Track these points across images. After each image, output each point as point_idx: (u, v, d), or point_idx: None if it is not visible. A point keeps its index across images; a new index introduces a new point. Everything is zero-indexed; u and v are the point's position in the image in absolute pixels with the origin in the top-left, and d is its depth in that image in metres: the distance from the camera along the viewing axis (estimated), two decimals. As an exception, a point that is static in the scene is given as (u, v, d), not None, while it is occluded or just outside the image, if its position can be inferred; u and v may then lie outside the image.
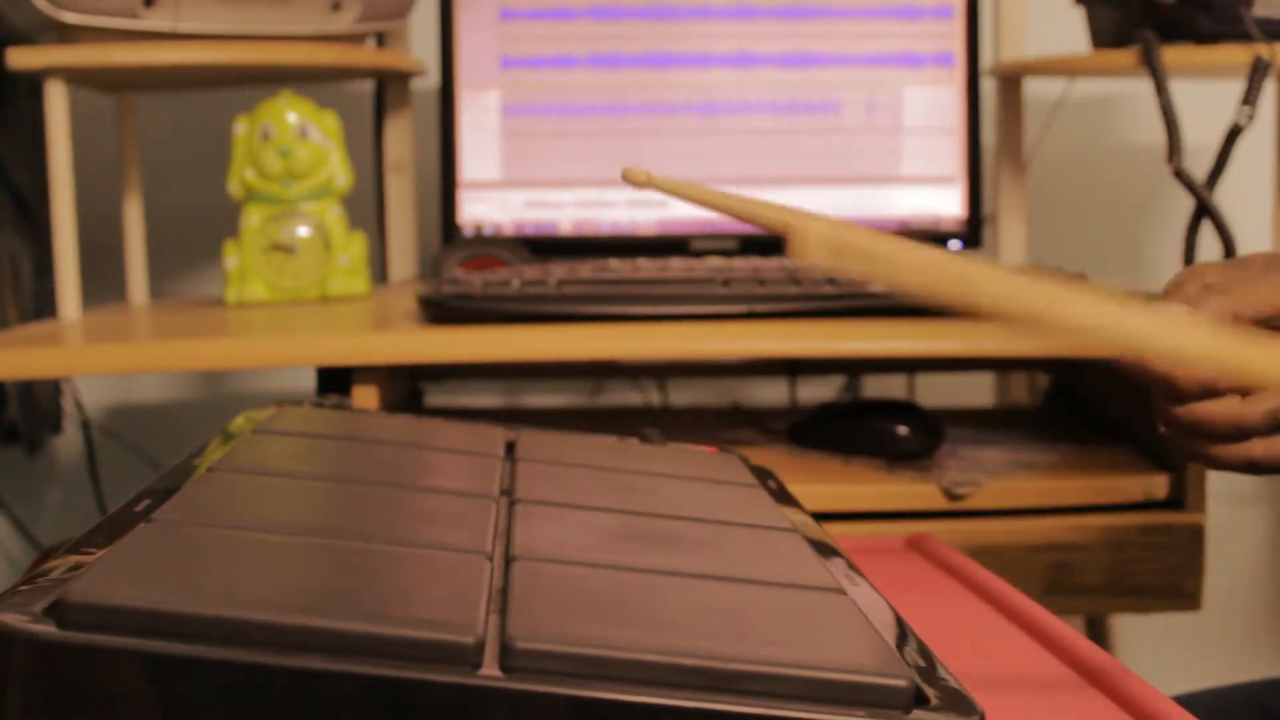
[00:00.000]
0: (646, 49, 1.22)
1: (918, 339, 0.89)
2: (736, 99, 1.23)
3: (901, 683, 0.35)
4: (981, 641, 0.55)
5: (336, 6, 1.09)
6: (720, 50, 1.23)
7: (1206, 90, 1.28)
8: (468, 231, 1.22)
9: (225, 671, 0.31)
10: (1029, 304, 0.41)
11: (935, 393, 1.35)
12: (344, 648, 0.32)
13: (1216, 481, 0.97)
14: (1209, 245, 1.11)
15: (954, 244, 1.24)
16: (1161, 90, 1.08)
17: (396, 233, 1.28)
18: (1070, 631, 0.53)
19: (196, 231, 1.40)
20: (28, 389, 1.28)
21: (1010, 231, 1.29)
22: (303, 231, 1.08)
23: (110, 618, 0.32)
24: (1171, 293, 0.61)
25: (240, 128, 1.07)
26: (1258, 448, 0.60)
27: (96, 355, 0.91)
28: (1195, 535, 0.92)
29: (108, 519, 0.41)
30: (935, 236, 1.23)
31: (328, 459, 0.54)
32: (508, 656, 0.33)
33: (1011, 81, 1.27)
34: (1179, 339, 0.42)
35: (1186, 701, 0.75)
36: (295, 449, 0.54)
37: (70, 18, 0.99)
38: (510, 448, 0.60)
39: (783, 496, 0.58)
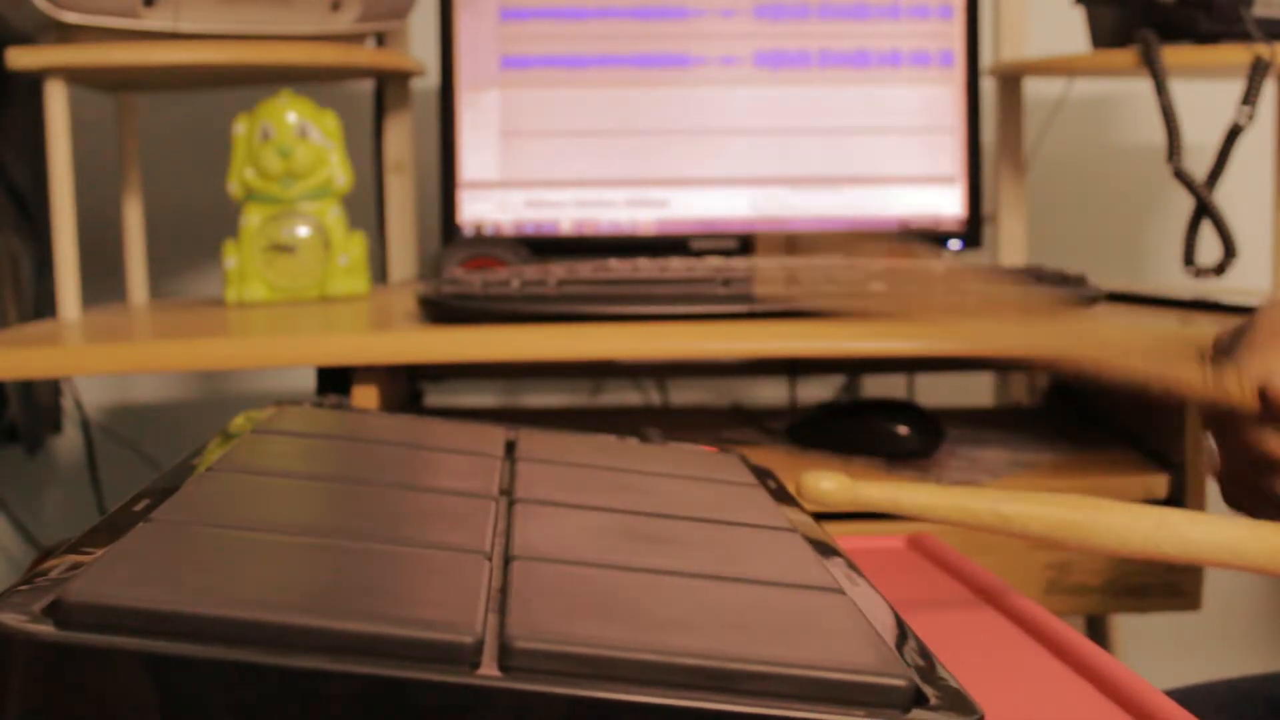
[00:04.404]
0: (646, 49, 1.22)
1: (918, 339, 0.89)
2: (736, 99, 1.23)
3: (901, 682, 0.35)
4: (981, 641, 0.54)
5: (336, 6, 1.09)
6: (720, 51, 1.23)
7: (1206, 90, 1.28)
8: (468, 231, 1.22)
9: (225, 671, 0.31)
10: (1068, 528, 0.43)
11: (935, 393, 1.35)
12: (343, 648, 0.32)
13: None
14: (1209, 245, 1.11)
15: (954, 243, 1.24)
16: (1161, 90, 1.08)
17: (396, 233, 1.28)
18: (1070, 631, 0.53)
19: (196, 231, 1.39)
20: (28, 389, 1.28)
21: (1010, 231, 1.29)
22: (303, 231, 1.08)
23: (109, 617, 0.32)
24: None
25: (240, 128, 1.07)
26: None
27: (96, 355, 0.91)
28: (1195, 535, 0.91)
29: (107, 519, 0.41)
30: (935, 236, 1.23)
31: (328, 459, 0.54)
32: (507, 656, 0.33)
33: (1011, 81, 1.27)
34: (1224, 543, 0.42)
35: (1193, 694, 0.75)
36: (295, 449, 0.54)
37: (70, 18, 0.99)
38: (510, 448, 0.60)
39: (783, 496, 0.58)
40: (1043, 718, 0.47)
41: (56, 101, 1.03)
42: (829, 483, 0.45)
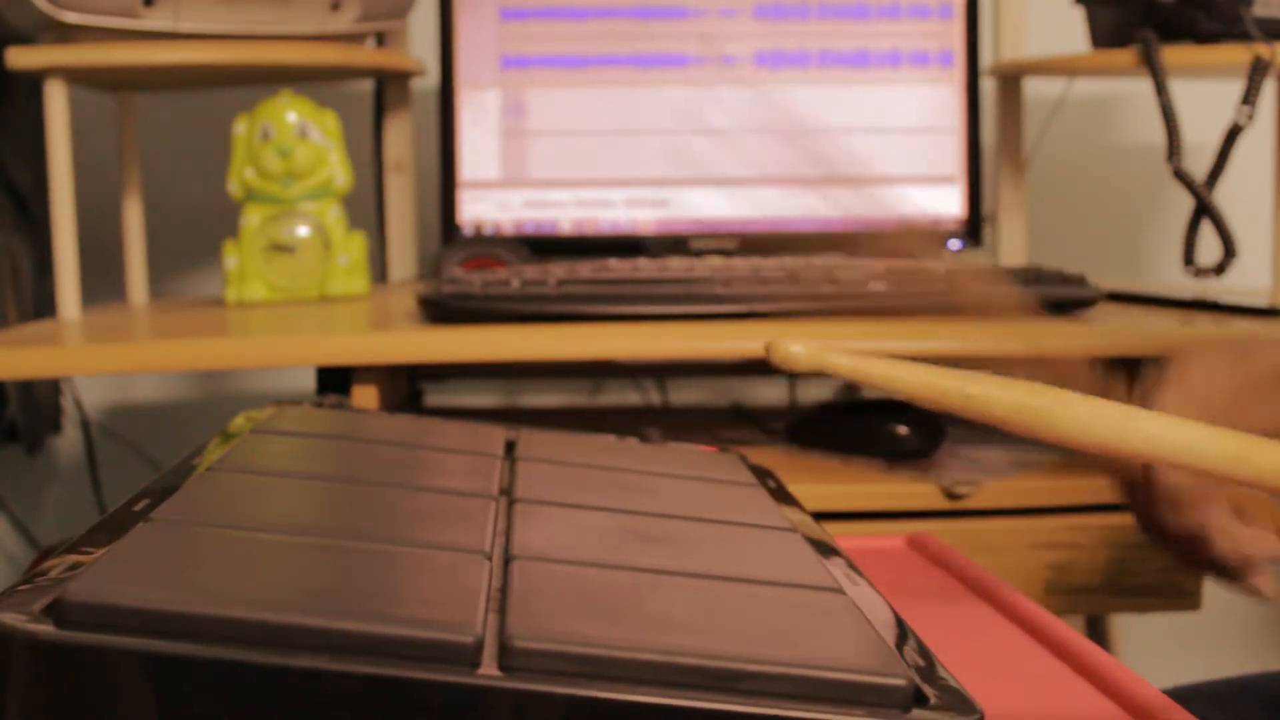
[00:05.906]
0: (646, 49, 1.22)
1: (918, 339, 0.89)
2: (737, 99, 1.23)
3: (901, 682, 0.35)
4: (981, 641, 0.54)
5: (336, 6, 1.09)
6: (720, 51, 1.23)
7: (1206, 90, 1.28)
8: (467, 231, 1.22)
9: (224, 671, 0.31)
10: (1031, 413, 0.42)
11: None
12: (343, 647, 0.32)
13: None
14: (1209, 245, 1.11)
15: (954, 243, 1.24)
16: (1161, 90, 1.08)
17: (396, 233, 1.28)
18: (1070, 631, 0.53)
19: (196, 231, 1.40)
20: (28, 389, 1.28)
21: (1010, 231, 1.29)
22: (302, 231, 1.08)
23: (109, 617, 0.32)
24: (1175, 385, 0.60)
25: (240, 128, 1.07)
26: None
27: (96, 355, 0.91)
28: (1195, 535, 0.91)
29: (107, 519, 0.41)
30: (935, 236, 1.23)
31: (327, 459, 0.54)
32: (507, 656, 0.33)
33: (1011, 81, 1.27)
34: (1187, 444, 0.42)
35: (1191, 692, 0.75)
36: (295, 449, 0.54)
37: (70, 18, 0.99)
38: (510, 447, 0.60)
39: (783, 496, 0.58)
40: (1043, 717, 0.47)
41: (56, 101, 1.03)
42: (798, 346, 0.45)
